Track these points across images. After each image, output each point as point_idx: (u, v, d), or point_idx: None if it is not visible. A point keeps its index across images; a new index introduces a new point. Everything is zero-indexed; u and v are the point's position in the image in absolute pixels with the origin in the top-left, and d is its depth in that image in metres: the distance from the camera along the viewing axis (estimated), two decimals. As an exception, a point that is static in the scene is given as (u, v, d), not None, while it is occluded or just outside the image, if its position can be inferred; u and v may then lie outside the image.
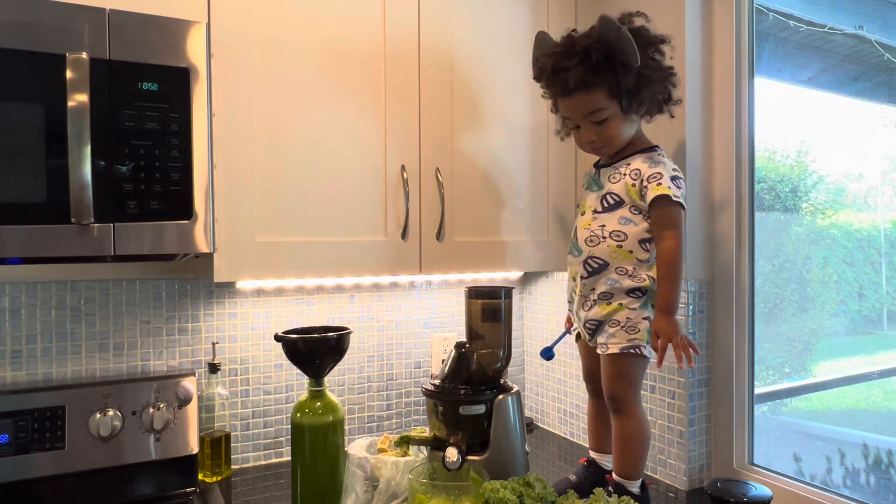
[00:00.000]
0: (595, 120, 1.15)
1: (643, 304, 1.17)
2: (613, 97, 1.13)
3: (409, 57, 1.37)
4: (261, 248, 1.24)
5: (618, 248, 1.17)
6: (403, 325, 1.72)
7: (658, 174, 1.14)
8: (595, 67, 1.11)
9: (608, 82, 1.12)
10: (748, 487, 1.15)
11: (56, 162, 0.98)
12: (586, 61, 1.11)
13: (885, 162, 1.42)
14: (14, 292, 1.31)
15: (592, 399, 1.32)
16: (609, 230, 1.18)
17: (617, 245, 1.17)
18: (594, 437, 1.33)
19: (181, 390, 1.34)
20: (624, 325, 1.16)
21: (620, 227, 1.17)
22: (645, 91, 1.14)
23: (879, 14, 1.46)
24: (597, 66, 1.11)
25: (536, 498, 1.04)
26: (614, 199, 1.19)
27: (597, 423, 1.32)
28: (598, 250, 1.19)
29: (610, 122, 1.15)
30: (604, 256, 1.18)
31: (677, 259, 1.12)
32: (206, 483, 1.39)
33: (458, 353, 1.25)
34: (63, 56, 0.98)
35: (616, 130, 1.17)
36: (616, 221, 1.18)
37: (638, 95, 1.14)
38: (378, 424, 1.68)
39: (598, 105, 1.14)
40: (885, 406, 1.49)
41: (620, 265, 1.17)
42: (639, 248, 1.16)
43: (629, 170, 1.18)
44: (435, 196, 1.40)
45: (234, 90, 1.21)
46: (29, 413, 1.22)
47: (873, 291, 1.46)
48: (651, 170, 1.15)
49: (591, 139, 1.19)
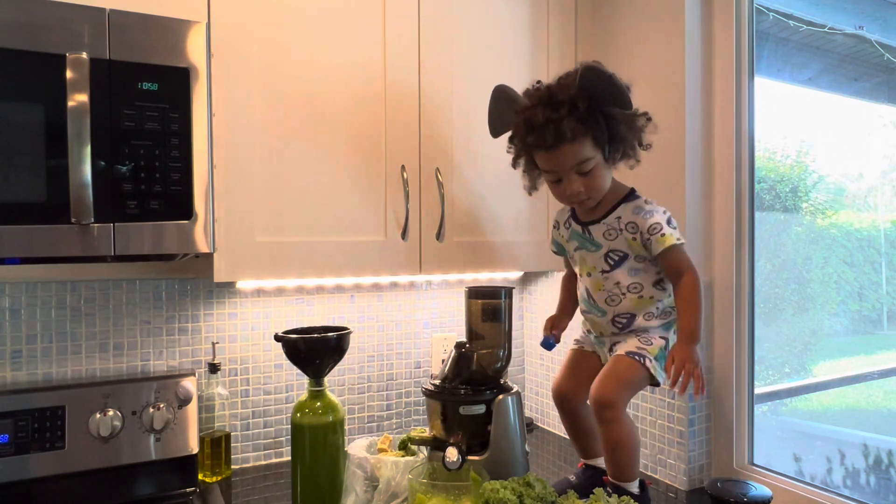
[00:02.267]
0: (582, 171, 1.13)
1: (665, 326, 1.20)
2: (598, 146, 1.12)
3: (409, 57, 1.38)
4: (261, 248, 1.24)
5: (639, 300, 1.19)
6: (403, 325, 1.71)
7: (657, 225, 1.14)
8: (583, 117, 1.09)
9: (593, 131, 1.10)
10: (748, 487, 1.15)
11: (56, 162, 0.98)
12: (574, 111, 1.08)
13: (885, 162, 1.42)
14: (14, 292, 1.31)
15: (564, 416, 1.32)
16: (625, 286, 1.19)
17: (638, 297, 1.18)
18: (580, 448, 1.33)
19: (181, 390, 1.34)
20: (639, 335, 1.18)
21: (634, 279, 1.18)
22: (629, 136, 1.14)
23: (879, 14, 1.46)
24: (584, 115, 1.09)
25: (536, 498, 1.04)
26: (618, 255, 1.19)
27: (577, 437, 1.32)
28: (622, 307, 1.20)
29: (595, 171, 1.13)
30: (629, 311, 1.19)
31: (697, 290, 1.14)
32: (206, 483, 1.39)
33: (458, 353, 1.25)
34: (63, 56, 0.98)
35: (602, 180, 1.15)
36: (628, 275, 1.18)
37: (621, 142, 1.14)
38: (378, 424, 1.68)
39: (587, 155, 1.11)
40: (885, 406, 1.50)
41: (647, 311, 1.19)
42: (656, 290, 1.19)
43: (622, 224, 1.17)
44: (435, 196, 1.40)
45: (234, 90, 1.21)
46: (29, 413, 1.22)
47: (873, 291, 1.46)
48: (647, 221, 1.15)
49: (577, 191, 1.14)
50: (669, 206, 1.35)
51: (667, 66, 1.40)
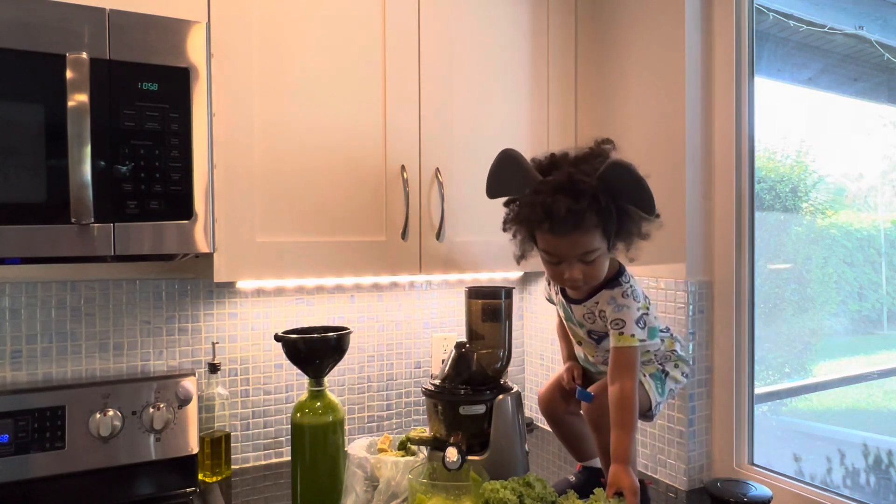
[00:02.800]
0: (586, 260, 1.10)
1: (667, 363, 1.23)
2: (605, 237, 1.10)
3: (409, 57, 1.38)
4: (261, 248, 1.24)
5: None
6: (403, 325, 1.71)
7: (620, 321, 1.12)
8: (600, 211, 1.05)
9: (605, 223, 1.08)
10: (748, 487, 1.15)
11: (56, 162, 0.98)
12: (594, 204, 1.04)
13: (885, 162, 1.42)
14: (14, 292, 1.31)
15: (553, 425, 1.33)
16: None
17: None
18: (574, 452, 1.33)
19: (181, 390, 1.34)
20: None
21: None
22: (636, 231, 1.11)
23: (879, 14, 1.46)
24: (604, 210, 1.05)
25: (536, 498, 1.04)
26: (598, 335, 1.20)
27: (569, 441, 1.33)
28: None
29: (598, 260, 1.11)
30: None
31: (631, 403, 1.09)
32: (206, 483, 1.39)
33: (458, 353, 1.25)
34: (63, 56, 0.98)
35: (602, 269, 1.13)
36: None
37: (627, 235, 1.11)
38: (378, 424, 1.68)
39: (595, 246, 1.08)
40: (885, 406, 1.49)
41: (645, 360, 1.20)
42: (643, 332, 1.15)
43: (597, 310, 1.17)
44: (435, 196, 1.40)
45: (234, 90, 1.21)
46: (29, 413, 1.22)
47: (873, 291, 1.46)
48: (615, 315, 1.13)
49: (576, 278, 1.10)
50: (669, 206, 1.35)
51: (667, 65, 1.40)
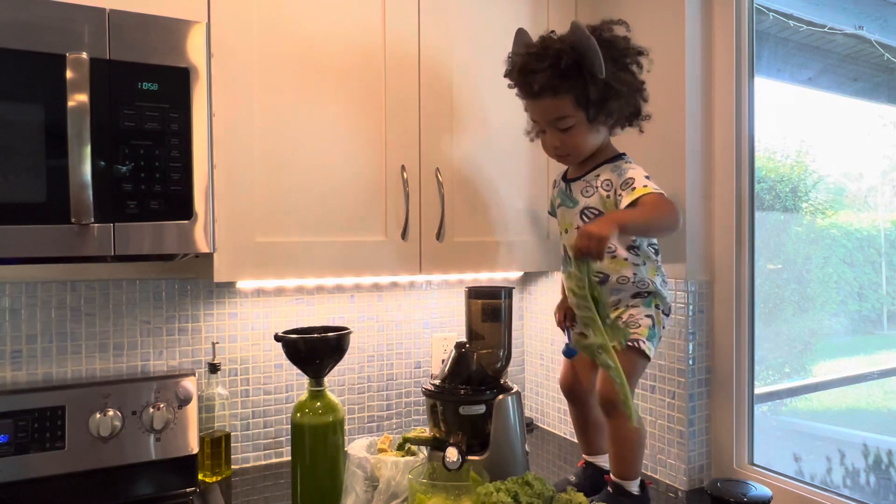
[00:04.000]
0: (560, 127, 1.14)
1: (646, 303, 1.18)
2: (580, 106, 1.11)
3: (409, 58, 1.38)
4: (261, 248, 1.24)
5: (612, 260, 1.17)
6: (403, 325, 1.71)
7: (630, 180, 1.12)
8: (563, 73, 1.09)
9: (576, 90, 1.10)
10: (748, 487, 1.15)
11: (56, 162, 0.98)
12: (555, 66, 1.08)
13: (885, 162, 1.42)
14: (14, 292, 1.31)
15: (573, 407, 1.33)
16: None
17: (611, 257, 1.17)
18: (584, 442, 1.34)
19: (181, 390, 1.34)
20: (626, 321, 1.17)
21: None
22: (612, 103, 1.12)
23: (879, 14, 1.46)
24: (565, 72, 1.08)
25: (534, 495, 1.04)
26: (593, 213, 1.18)
27: (584, 430, 1.33)
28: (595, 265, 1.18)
29: (575, 130, 1.13)
30: (602, 270, 1.17)
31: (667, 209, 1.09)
32: (206, 483, 1.39)
33: (458, 353, 1.25)
34: (63, 56, 0.98)
35: (580, 139, 1.15)
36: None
37: (605, 107, 1.12)
38: (378, 424, 1.68)
39: (564, 112, 1.12)
40: (885, 406, 1.49)
41: (621, 275, 1.17)
42: (630, 255, 1.17)
43: (600, 182, 1.17)
44: (435, 196, 1.40)
45: (234, 90, 1.21)
46: (29, 413, 1.22)
47: (873, 291, 1.46)
48: (621, 178, 1.14)
49: (554, 145, 1.17)
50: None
51: (667, 65, 1.39)
